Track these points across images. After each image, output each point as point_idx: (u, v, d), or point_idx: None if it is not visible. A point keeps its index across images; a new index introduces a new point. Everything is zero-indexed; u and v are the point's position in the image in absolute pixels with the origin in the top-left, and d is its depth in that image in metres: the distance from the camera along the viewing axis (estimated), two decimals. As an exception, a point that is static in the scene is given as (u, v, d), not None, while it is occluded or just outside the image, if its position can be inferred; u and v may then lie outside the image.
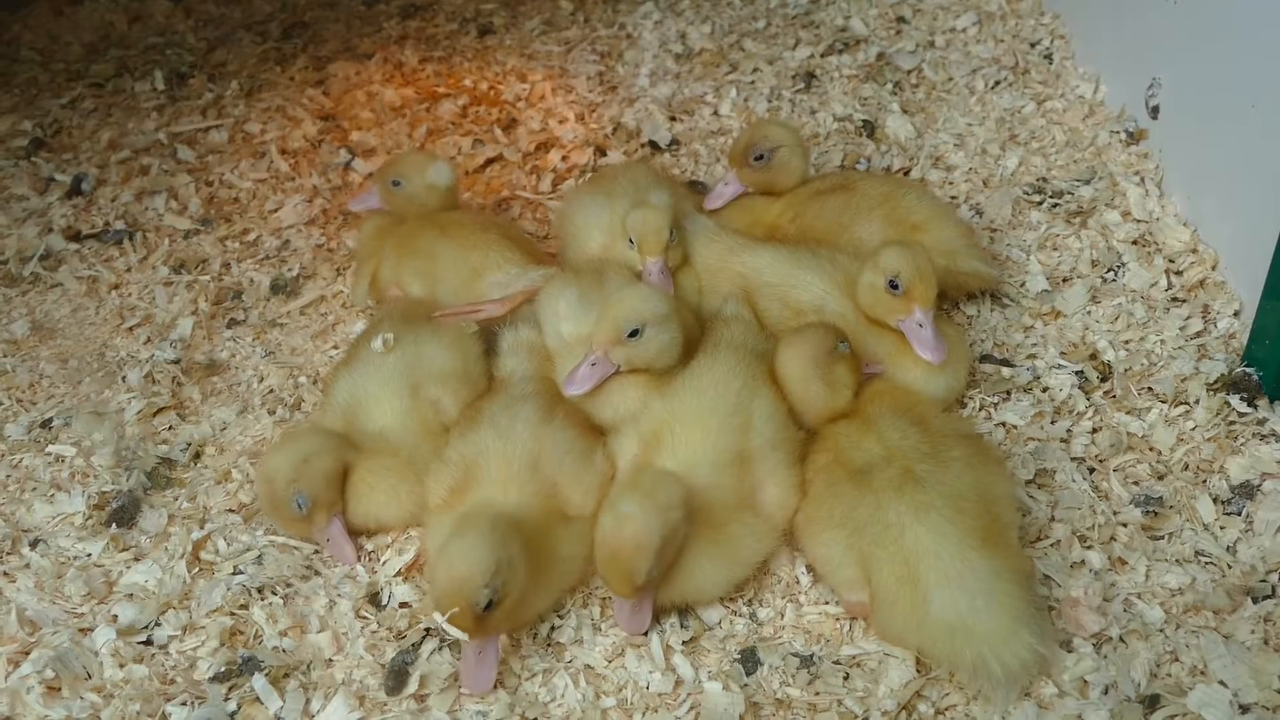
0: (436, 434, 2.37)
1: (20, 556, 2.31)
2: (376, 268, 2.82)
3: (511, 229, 2.89)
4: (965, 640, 1.92)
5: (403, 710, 2.01)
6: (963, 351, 2.50)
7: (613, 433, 2.31)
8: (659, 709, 2.00)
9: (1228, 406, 2.43)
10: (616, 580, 2.01)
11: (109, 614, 2.19)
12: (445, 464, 2.24)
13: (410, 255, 2.76)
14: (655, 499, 2.00)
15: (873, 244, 2.58)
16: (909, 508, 2.01)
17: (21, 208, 3.30)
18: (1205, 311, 2.65)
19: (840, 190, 2.79)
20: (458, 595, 1.92)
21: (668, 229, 2.53)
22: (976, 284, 2.71)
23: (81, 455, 2.53)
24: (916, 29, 3.80)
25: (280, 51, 4.00)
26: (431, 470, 2.26)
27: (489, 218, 3.02)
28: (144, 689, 2.05)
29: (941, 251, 2.59)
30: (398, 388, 2.39)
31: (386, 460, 2.32)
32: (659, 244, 2.52)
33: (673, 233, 2.55)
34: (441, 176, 2.89)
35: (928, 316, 2.36)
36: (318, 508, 2.24)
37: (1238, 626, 2.04)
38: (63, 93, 3.82)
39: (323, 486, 2.23)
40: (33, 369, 2.78)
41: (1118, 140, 3.17)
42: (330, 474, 2.25)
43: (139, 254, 3.13)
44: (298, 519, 2.25)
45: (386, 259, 2.80)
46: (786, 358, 2.29)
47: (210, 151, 3.52)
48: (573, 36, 3.97)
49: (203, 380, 2.74)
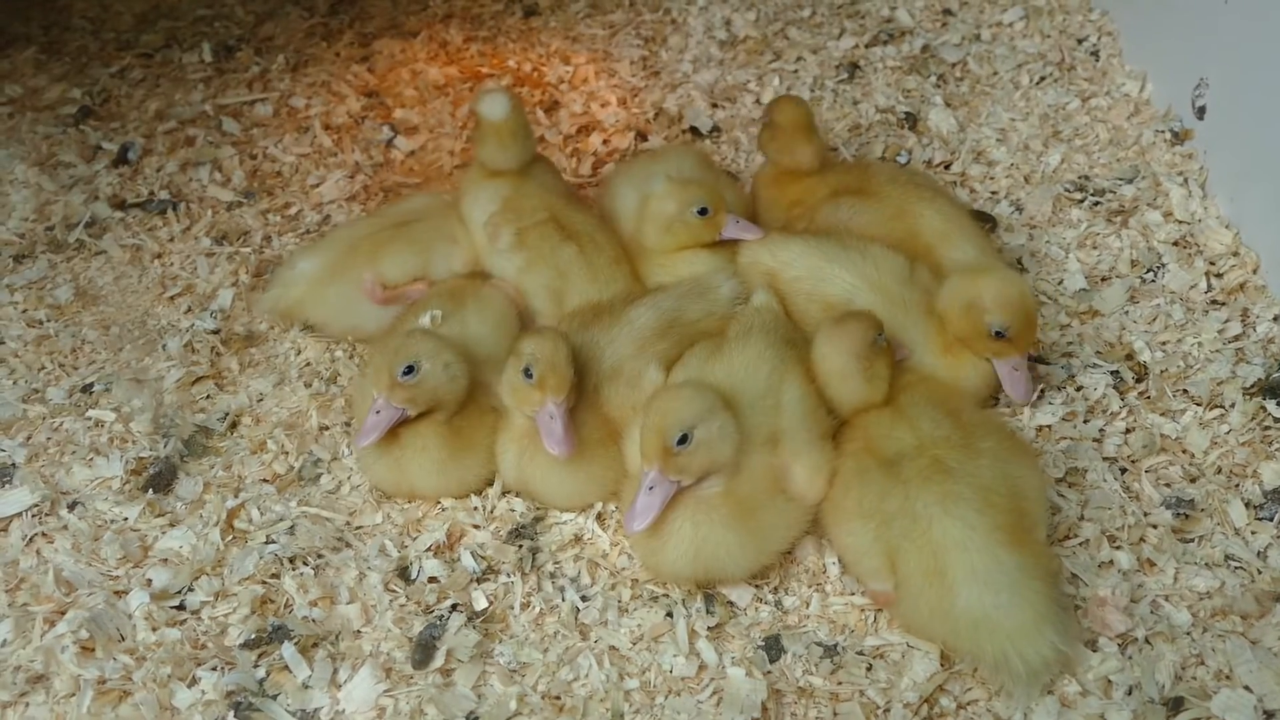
0: (485, 415, 2.38)
1: (59, 518, 2.35)
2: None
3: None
4: (989, 635, 1.92)
5: (428, 684, 2.03)
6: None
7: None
8: (681, 693, 2.02)
9: (1263, 411, 2.41)
10: (650, 434, 2.04)
11: (144, 578, 2.22)
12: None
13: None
14: (714, 389, 2.11)
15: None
16: (937, 498, 2.01)
17: (69, 175, 3.34)
18: (1244, 315, 2.63)
19: (855, 194, 2.76)
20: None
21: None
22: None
23: (121, 421, 2.56)
24: (962, 22, 3.78)
25: (327, 27, 4.02)
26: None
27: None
28: (175, 652, 2.08)
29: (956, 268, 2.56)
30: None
31: (439, 431, 2.33)
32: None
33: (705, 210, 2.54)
34: (493, 109, 2.69)
35: (1022, 363, 2.41)
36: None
37: (1265, 632, 2.03)
38: (112, 62, 3.85)
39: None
40: (75, 334, 2.81)
41: (1162, 140, 3.15)
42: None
43: (182, 224, 3.16)
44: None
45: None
46: (827, 351, 2.26)
47: (255, 125, 3.55)
48: (617, 20, 3.97)
49: (241, 351, 2.77)
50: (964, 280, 2.40)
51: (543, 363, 2.19)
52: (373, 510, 2.37)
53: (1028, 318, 2.36)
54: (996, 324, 2.34)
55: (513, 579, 2.22)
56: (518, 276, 2.67)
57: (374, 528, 2.34)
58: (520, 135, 2.73)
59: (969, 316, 2.37)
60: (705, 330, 2.46)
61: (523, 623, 2.15)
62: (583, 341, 2.37)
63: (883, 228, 2.68)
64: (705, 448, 2.04)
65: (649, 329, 2.43)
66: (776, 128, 2.83)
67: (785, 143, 2.82)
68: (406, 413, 2.27)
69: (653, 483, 2.05)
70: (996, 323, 2.34)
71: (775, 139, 2.83)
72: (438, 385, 2.27)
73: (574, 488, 2.31)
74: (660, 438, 2.03)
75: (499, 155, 2.72)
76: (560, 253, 2.63)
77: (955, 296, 2.39)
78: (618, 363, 2.37)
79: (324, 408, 2.59)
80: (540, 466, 2.28)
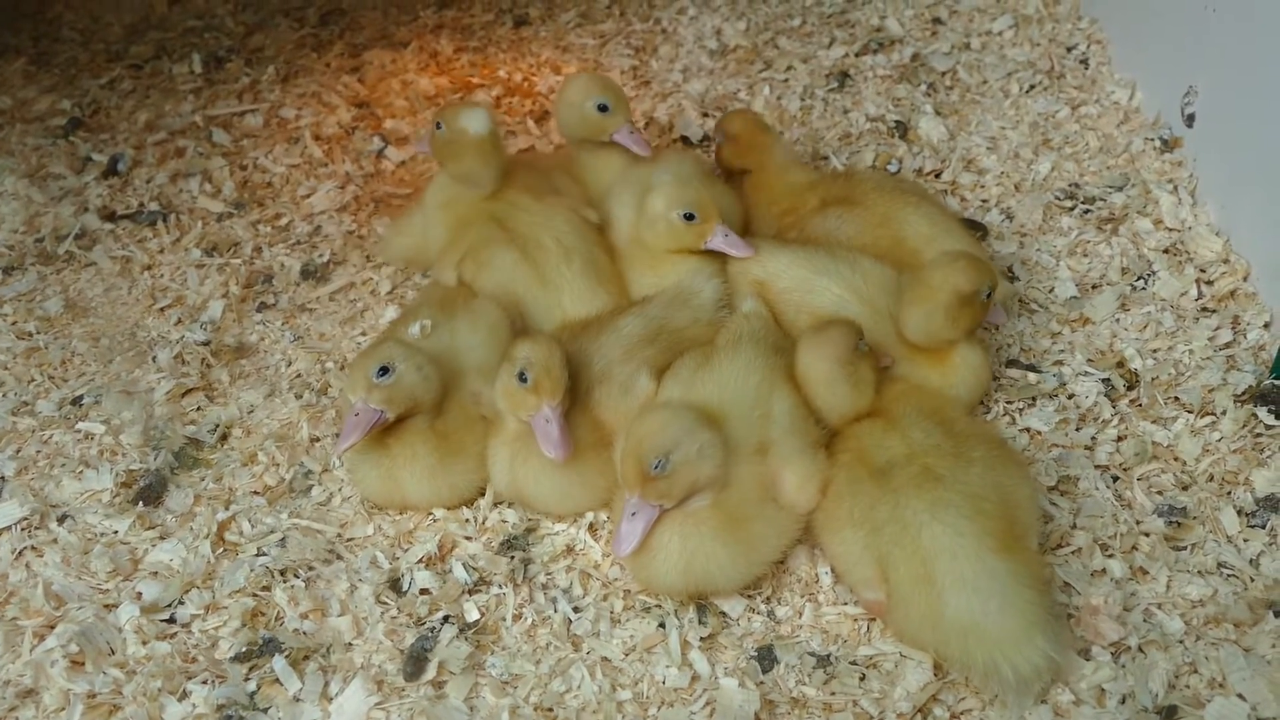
0: (475, 423, 2.38)
1: (48, 531, 2.34)
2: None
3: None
4: (977, 642, 1.92)
5: (420, 696, 2.02)
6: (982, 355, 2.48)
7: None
8: (674, 704, 2.01)
9: (1255, 419, 2.42)
10: (628, 461, 2.03)
11: (134, 591, 2.22)
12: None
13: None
14: (693, 409, 2.10)
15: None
16: (927, 505, 2.02)
17: (58, 186, 3.34)
18: (1235, 322, 2.64)
19: (842, 203, 2.77)
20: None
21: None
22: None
23: (110, 433, 2.55)
24: (952, 30, 3.78)
25: (317, 38, 4.02)
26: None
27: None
28: (166, 666, 2.07)
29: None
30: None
31: (427, 439, 2.33)
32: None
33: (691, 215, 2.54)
34: (474, 123, 2.71)
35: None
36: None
37: (1258, 640, 2.03)
38: (102, 73, 3.85)
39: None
40: (65, 346, 2.81)
41: (1152, 147, 3.15)
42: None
43: (172, 235, 3.16)
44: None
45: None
46: (810, 360, 2.26)
47: (245, 135, 3.55)
48: (608, 30, 3.97)
49: (231, 363, 2.76)
50: (925, 276, 2.38)
51: (538, 366, 2.19)
52: (364, 522, 2.36)
53: (986, 269, 2.38)
54: (980, 286, 2.33)
55: (505, 590, 2.21)
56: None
57: (365, 539, 2.33)
58: (498, 150, 2.77)
59: (958, 300, 2.33)
60: (693, 337, 2.46)
61: (515, 634, 2.14)
62: (573, 350, 2.37)
63: (869, 235, 2.69)
64: (685, 470, 2.04)
65: (636, 336, 2.43)
66: (733, 139, 2.93)
67: (744, 152, 2.92)
68: (385, 415, 2.26)
69: (634, 509, 2.06)
70: (980, 285, 2.33)
71: (736, 151, 2.94)
72: (413, 385, 2.27)
73: (566, 492, 2.30)
74: (638, 464, 2.03)
75: (480, 173, 2.75)
76: (499, 258, 2.66)
77: (932, 293, 2.36)
78: (606, 366, 2.37)
79: (315, 419, 2.59)
80: (533, 471, 2.27)
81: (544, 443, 2.19)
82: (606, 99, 2.81)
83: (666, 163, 2.85)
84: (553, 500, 2.32)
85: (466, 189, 2.78)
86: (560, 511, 2.34)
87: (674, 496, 2.05)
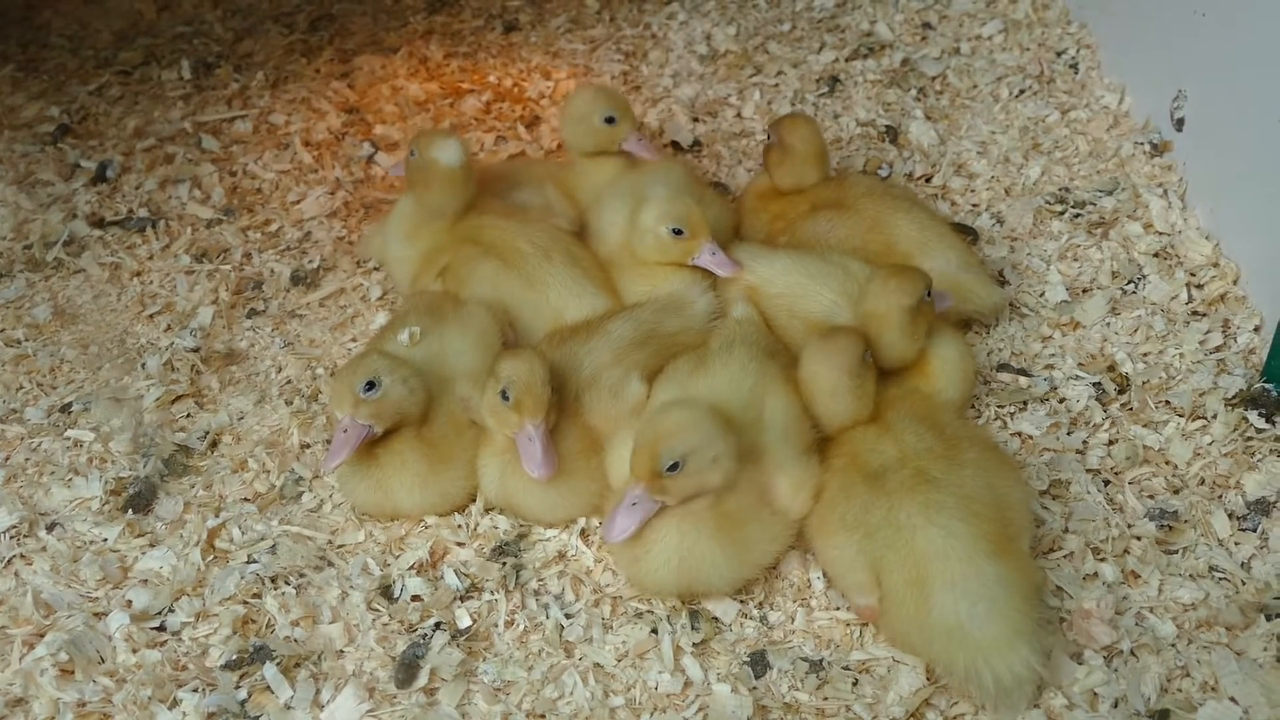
0: (464, 429, 2.37)
1: (37, 539, 2.33)
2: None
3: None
4: (960, 646, 1.92)
5: (412, 703, 2.02)
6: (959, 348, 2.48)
7: (628, 430, 2.30)
8: (667, 709, 2.01)
9: (1245, 422, 2.42)
10: (642, 453, 2.02)
11: (123, 599, 2.21)
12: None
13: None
14: (716, 413, 2.08)
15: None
16: (920, 507, 2.02)
17: (47, 193, 3.32)
18: (1225, 326, 2.64)
19: (833, 208, 2.77)
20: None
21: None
22: (974, 309, 2.68)
23: (100, 440, 2.54)
24: (942, 35, 3.79)
25: (306, 44, 4.01)
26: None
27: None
28: (156, 674, 2.06)
29: (936, 278, 2.55)
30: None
31: (415, 448, 2.32)
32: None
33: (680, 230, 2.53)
34: (446, 154, 2.69)
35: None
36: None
37: (1250, 643, 2.04)
38: (90, 80, 3.84)
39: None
40: (54, 353, 2.80)
41: (1141, 152, 3.16)
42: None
43: (161, 242, 3.15)
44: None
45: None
46: (816, 368, 2.25)
47: (234, 141, 3.54)
48: (598, 35, 3.97)
49: (221, 369, 2.75)
50: (869, 309, 2.37)
51: (518, 385, 2.18)
52: (355, 529, 2.36)
53: (914, 273, 2.37)
54: (920, 292, 2.32)
55: (496, 597, 2.21)
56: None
57: (356, 546, 2.33)
58: (468, 183, 2.76)
59: (907, 314, 2.32)
60: (684, 343, 2.46)
61: (507, 640, 2.14)
62: (561, 355, 2.37)
63: (860, 240, 2.69)
64: (696, 476, 2.03)
65: (626, 339, 2.43)
66: (787, 149, 2.83)
67: (794, 166, 2.83)
68: (374, 429, 2.26)
69: (636, 499, 2.04)
70: (919, 291, 2.32)
71: (784, 161, 2.84)
72: (400, 399, 2.27)
73: (556, 502, 2.30)
74: (652, 460, 2.01)
75: (446, 204, 2.75)
76: (479, 270, 2.66)
77: (882, 320, 2.34)
78: (595, 371, 2.37)
79: (305, 425, 2.58)
80: (522, 481, 2.27)
81: (527, 461, 2.20)
82: (613, 110, 2.83)
83: (658, 172, 2.85)
84: (543, 510, 2.31)
85: (429, 218, 2.78)
86: (551, 520, 2.34)
87: (677, 497, 2.05)
